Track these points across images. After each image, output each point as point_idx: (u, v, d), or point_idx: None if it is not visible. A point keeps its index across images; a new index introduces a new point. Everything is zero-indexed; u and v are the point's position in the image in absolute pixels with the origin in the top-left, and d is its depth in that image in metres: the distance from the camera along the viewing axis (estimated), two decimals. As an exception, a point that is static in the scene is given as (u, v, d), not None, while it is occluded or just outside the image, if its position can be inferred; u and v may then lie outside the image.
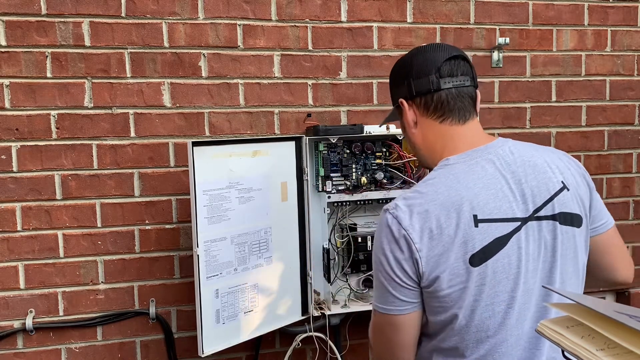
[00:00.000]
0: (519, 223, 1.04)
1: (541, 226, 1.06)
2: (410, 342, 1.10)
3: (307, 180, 1.84)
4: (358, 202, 1.89)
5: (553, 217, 1.08)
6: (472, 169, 1.07)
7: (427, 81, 1.11)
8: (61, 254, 1.87)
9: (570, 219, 1.10)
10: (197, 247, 1.61)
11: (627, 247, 2.37)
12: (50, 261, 1.87)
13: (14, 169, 1.83)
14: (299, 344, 1.89)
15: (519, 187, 1.06)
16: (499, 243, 1.02)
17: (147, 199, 1.92)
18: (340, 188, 1.86)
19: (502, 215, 1.04)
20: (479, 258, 1.01)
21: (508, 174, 1.07)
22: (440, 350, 1.09)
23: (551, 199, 1.08)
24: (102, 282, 1.91)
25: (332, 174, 1.87)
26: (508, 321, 1.04)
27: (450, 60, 1.11)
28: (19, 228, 1.84)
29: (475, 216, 1.02)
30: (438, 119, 1.12)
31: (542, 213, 1.07)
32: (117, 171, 1.90)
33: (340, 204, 1.88)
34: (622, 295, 2.41)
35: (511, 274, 1.03)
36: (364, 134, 1.86)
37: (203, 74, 1.94)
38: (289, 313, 1.86)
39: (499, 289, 1.03)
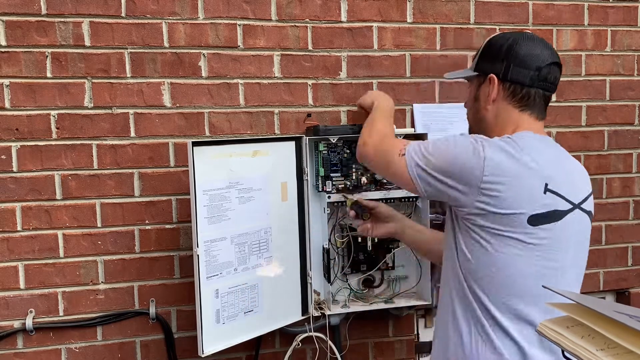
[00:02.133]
0: (571, 206, 1.18)
1: (582, 216, 1.22)
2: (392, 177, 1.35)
3: (307, 180, 1.84)
4: (358, 202, 1.89)
5: (588, 213, 1.24)
6: (547, 148, 1.21)
7: (527, 74, 1.21)
8: (61, 254, 1.87)
9: (591, 218, 1.27)
10: (197, 247, 1.61)
11: (627, 247, 2.38)
12: (50, 261, 1.87)
13: (14, 169, 1.83)
14: (299, 344, 1.89)
15: (571, 178, 1.21)
16: (556, 216, 1.15)
17: (147, 199, 1.92)
18: (340, 188, 1.86)
19: (564, 194, 1.17)
20: (535, 220, 1.13)
21: (566, 165, 1.23)
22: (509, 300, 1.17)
23: (587, 197, 1.25)
24: (102, 282, 1.91)
25: (332, 174, 1.87)
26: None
27: (552, 65, 1.23)
28: (19, 228, 1.84)
29: (546, 184, 1.14)
30: (519, 108, 1.23)
31: (584, 206, 1.22)
32: (117, 171, 1.90)
33: (340, 204, 1.88)
34: (622, 295, 2.41)
35: (561, 248, 1.17)
36: (364, 134, 1.86)
37: (203, 74, 1.94)
38: (289, 313, 1.86)
39: (551, 256, 1.15)
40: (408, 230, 1.59)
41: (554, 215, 1.15)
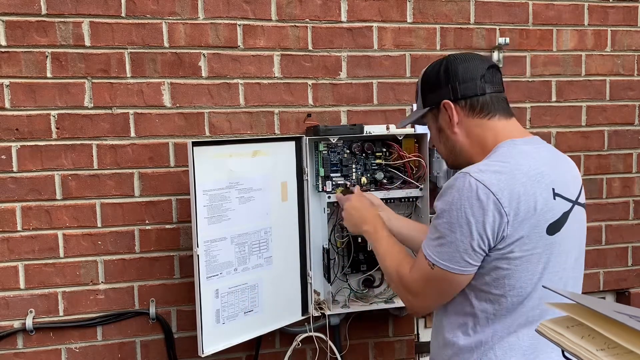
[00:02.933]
0: (571, 204, 1.18)
1: (579, 211, 1.21)
2: (454, 295, 1.19)
3: (307, 180, 1.84)
4: (358, 202, 1.88)
5: (583, 205, 1.24)
6: (538, 151, 1.20)
7: (474, 85, 1.21)
8: (61, 254, 1.87)
9: (585, 209, 1.27)
10: (197, 247, 1.61)
11: (627, 247, 2.38)
12: (50, 261, 1.87)
13: (14, 169, 1.83)
14: (299, 344, 1.89)
15: (566, 176, 1.21)
16: (564, 218, 1.15)
17: (147, 199, 1.92)
18: (339, 184, 1.86)
19: (565, 194, 1.16)
20: (552, 228, 1.12)
21: (558, 163, 1.22)
22: (506, 328, 1.16)
23: (580, 190, 1.24)
24: (102, 282, 1.91)
25: (332, 174, 1.87)
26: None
27: (490, 69, 1.23)
28: (19, 228, 1.84)
29: (553, 189, 1.14)
30: (485, 117, 1.22)
31: (579, 200, 1.22)
32: (117, 171, 1.90)
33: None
34: (622, 295, 2.41)
35: (567, 248, 1.17)
36: (364, 134, 1.86)
37: (203, 74, 1.94)
38: (289, 313, 1.86)
39: (560, 259, 1.15)
40: (394, 220, 1.61)
41: (564, 218, 1.15)
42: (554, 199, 1.13)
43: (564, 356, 0.75)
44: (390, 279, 1.31)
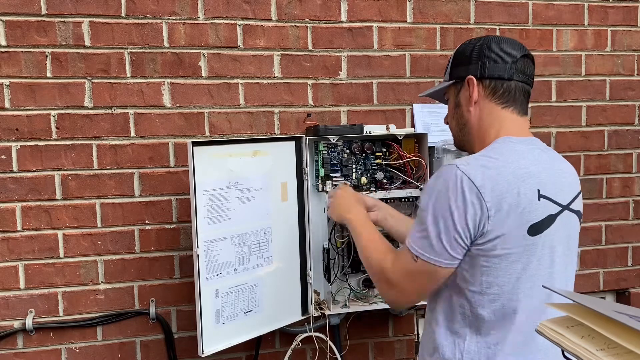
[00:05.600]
0: (560, 208, 1.16)
1: (571, 217, 1.19)
2: (435, 290, 1.19)
3: (307, 180, 1.84)
4: (358, 202, 1.88)
5: (577, 213, 1.22)
6: (532, 151, 1.18)
7: (503, 68, 1.19)
8: (61, 254, 1.87)
9: (580, 217, 1.25)
10: (197, 247, 1.61)
11: (627, 247, 2.38)
12: (50, 261, 1.87)
13: (14, 169, 1.83)
14: (299, 344, 1.89)
15: (560, 180, 1.19)
16: (549, 221, 1.13)
17: (147, 199, 1.92)
18: (338, 184, 1.86)
19: (554, 197, 1.15)
20: (534, 229, 1.11)
21: (554, 166, 1.20)
22: (480, 326, 1.15)
23: (576, 197, 1.22)
24: (102, 282, 1.91)
25: (332, 174, 1.87)
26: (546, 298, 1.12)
27: (524, 57, 1.22)
28: (19, 228, 1.84)
29: (539, 190, 1.12)
30: (501, 105, 1.21)
31: (572, 206, 1.20)
32: (117, 171, 1.90)
33: (340, 204, 1.87)
34: (622, 295, 2.41)
35: (550, 252, 1.15)
36: (364, 134, 1.86)
37: (203, 74, 1.94)
38: (289, 313, 1.86)
39: (542, 262, 1.14)
40: (389, 218, 1.60)
41: (548, 221, 1.13)
42: (539, 200, 1.11)
43: (564, 356, 0.75)
44: (372, 270, 1.29)
